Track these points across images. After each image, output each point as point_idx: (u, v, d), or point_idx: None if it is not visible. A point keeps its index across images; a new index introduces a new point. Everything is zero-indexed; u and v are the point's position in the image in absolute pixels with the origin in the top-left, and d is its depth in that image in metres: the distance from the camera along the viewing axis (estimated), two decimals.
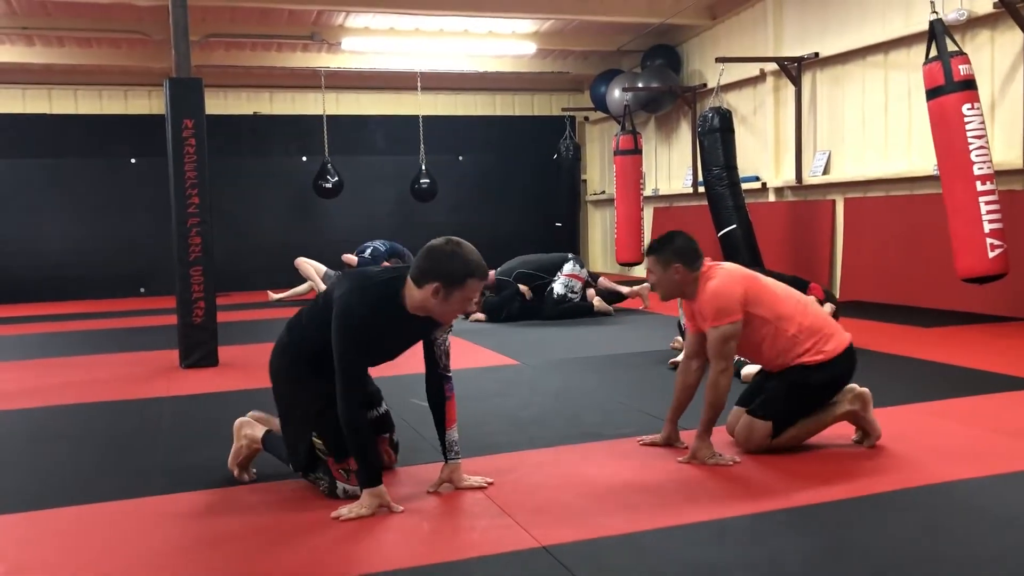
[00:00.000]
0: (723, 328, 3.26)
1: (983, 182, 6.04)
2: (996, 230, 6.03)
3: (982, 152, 6.04)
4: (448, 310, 2.88)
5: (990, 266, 6.05)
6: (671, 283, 3.40)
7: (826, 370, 3.33)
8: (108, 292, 11.79)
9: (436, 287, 2.81)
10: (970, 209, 6.04)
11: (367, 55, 11.65)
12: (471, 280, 2.84)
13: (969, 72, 6.07)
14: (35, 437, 4.19)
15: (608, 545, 2.53)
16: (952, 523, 2.64)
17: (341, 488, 3.02)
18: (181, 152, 5.90)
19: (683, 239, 3.44)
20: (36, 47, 10.66)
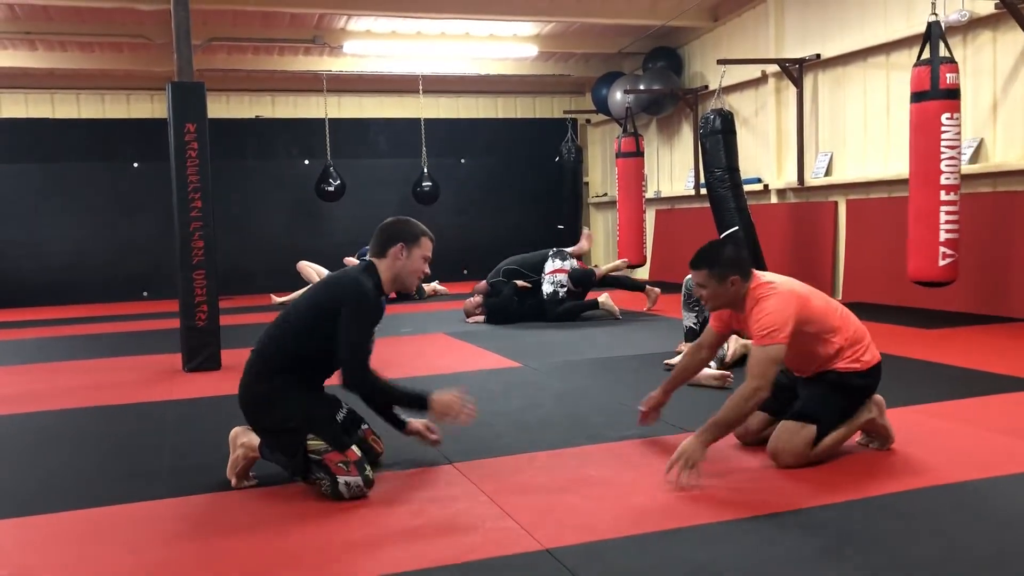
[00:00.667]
0: (771, 349, 3.13)
1: (947, 192, 6.20)
2: (951, 240, 6.23)
3: (952, 163, 6.18)
4: (412, 268, 3.31)
5: (940, 273, 6.29)
6: (727, 296, 3.29)
7: (863, 378, 3.30)
8: (111, 296, 11.81)
9: (400, 247, 3.28)
10: (931, 216, 6.24)
11: (369, 58, 11.66)
12: (424, 238, 3.34)
13: (955, 81, 6.16)
14: (38, 441, 4.19)
15: (612, 547, 2.53)
16: (956, 525, 2.64)
17: (343, 482, 3.03)
18: (184, 156, 5.91)
19: (732, 248, 3.34)
20: (39, 51, 10.68)
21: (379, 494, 3.10)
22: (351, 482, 3.02)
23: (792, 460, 3.19)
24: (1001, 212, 7.05)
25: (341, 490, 3.03)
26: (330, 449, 3.06)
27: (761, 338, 3.16)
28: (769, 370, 3.13)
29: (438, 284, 10.91)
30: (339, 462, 3.04)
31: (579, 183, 13.05)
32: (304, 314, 3.29)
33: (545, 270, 8.04)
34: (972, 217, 7.26)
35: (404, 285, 3.34)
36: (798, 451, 3.19)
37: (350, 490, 3.02)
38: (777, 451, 3.22)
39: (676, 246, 11.50)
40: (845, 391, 3.28)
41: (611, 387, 4.89)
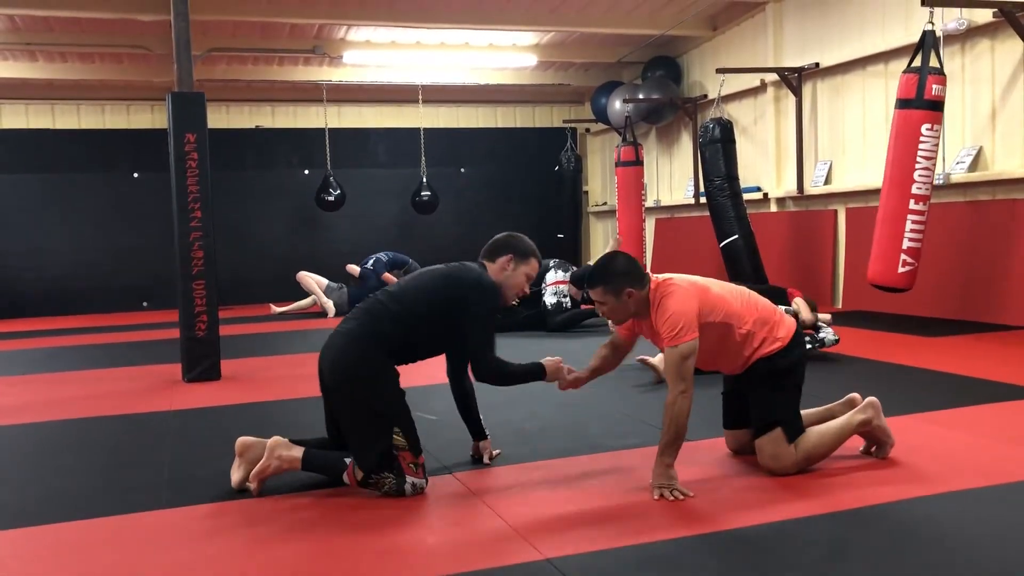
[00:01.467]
0: (682, 347, 3.11)
1: (917, 201, 6.25)
2: (913, 248, 6.28)
3: (926, 173, 6.22)
4: (514, 282, 3.42)
5: (897, 279, 6.35)
6: (627, 308, 3.26)
7: (787, 354, 3.28)
8: (111, 306, 11.81)
9: (509, 258, 3.40)
10: (897, 222, 6.28)
11: (369, 68, 11.69)
12: (533, 258, 3.44)
13: (940, 93, 6.20)
14: (38, 452, 4.19)
15: (613, 557, 2.52)
16: (955, 533, 2.63)
17: (410, 483, 3.13)
18: (183, 166, 5.92)
19: (623, 260, 3.30)
20: (39, 63, 10.71)
21: (380, 504, 3.10)
22: (417, 484, 3.15)
23: (781, 465, 3.20)
24: (1000, 220, 7.05)
25: (406, 489, 3.12)
26: (407, 448, 3.16)
27: (671, 339, 3.14)
28: (684, 369, 3.12)
29: None
30: (411, 463, 3.16)
31: (578, 192, 13.06)
32: (424, 301, 3.29)
33: (547, 280, 8.04)
34: (971, 225, 7.27)
35: (504, 296, 3.42)
36: (779, 456, 3.20)
37: (414, 490, 3.14)
38: (769, 466, 3.24)
39: (676, 255, 11.50)
40: (780, 376, 3.27)
41: (611, 397, 4.88)
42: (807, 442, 3.23)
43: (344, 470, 3.22)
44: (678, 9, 10.07)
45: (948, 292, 7.38)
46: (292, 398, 5.20)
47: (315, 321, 9.77)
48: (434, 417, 4.42)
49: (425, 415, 4.47)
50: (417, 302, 3.29)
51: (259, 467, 3.25)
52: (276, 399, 5.20)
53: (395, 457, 3.14)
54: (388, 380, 3.26)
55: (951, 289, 7.37)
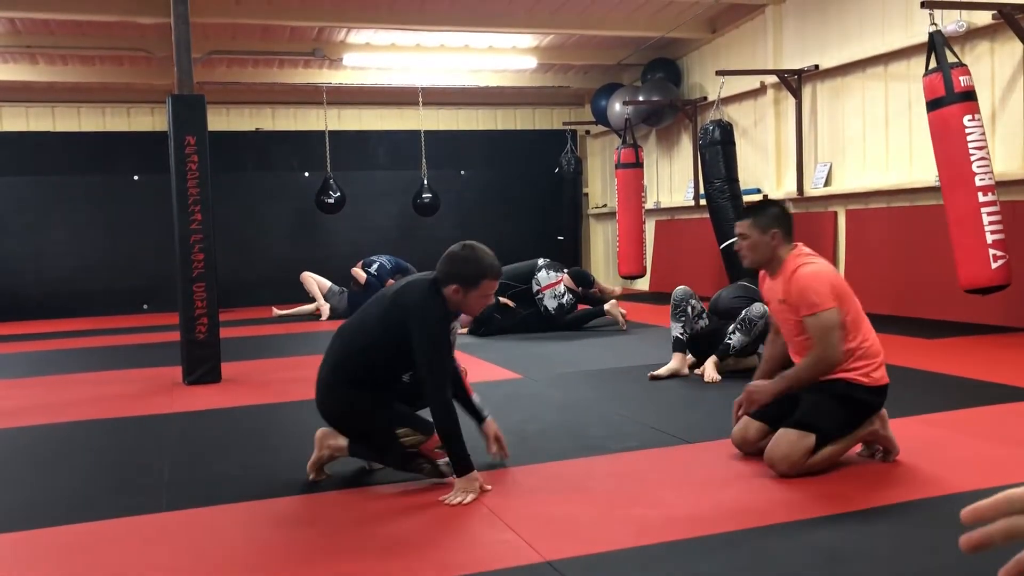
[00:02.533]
0: (823, 316, 3.20)
1: (985, 193, 6.04)
2: (998, 240, 6.04)
3: (983, 163, 6.03)
4: (471, 306, 3.29)
5: (993, 276, 6.06)
6: (766, 248, 3.38)
7: (868, 393, 3.28)
8: (111, 309, 11.81)
9: (456, 288, 3.21)
10: (973, 219, 6.04)
11: (369, 71, 11.70)
12: (484, 281, 3.22)
13: (969, 84, 6.08)
14: (38, 455, 4.19)
15: (614, 559, 2.52)
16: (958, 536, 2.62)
17: (443, 463, 3.23)
18: (184, 169, 5.92)
19: (782, 208, 3.45)
20: (39, 65, 10.72)
21: (379, 507, 3.10)
22: (441, 466, 3.26)
23: (789, 469, 3.17)
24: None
25: (443, 470, 3.25)
26: (424, 439, 3.26)
27: (811, 307, 3.22)
28: (830, 335, 3.20)
29: None
30: (435, 447, 3.25)
31: (579, 194, 13.06)
32: (371, 329, 3.35)
33: (540, 283, 7.98)
34: None
35: (467, 314, 3.41)
36: (795, 460, 3.17)
37: (450, 469, 3.20)
38: (774, 460, 3.20)
39: (676, 257, 11.51)
40: (849, 404, 3.25)
41: (612, 399, 4.88)
42: (819, 455, 3.21)
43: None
44: (678, 11, 10.08)
45: (949, 294, 7.37)
46: (293, 400, 5.19)
47: (315, 324, 9.78)
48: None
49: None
50: (370, 331, 3.34)
51: (313, 458, 3.43)
52: (277, 401, 5.20)
53: (415, 455, 3.26)
54: (371, 395, 3.36)
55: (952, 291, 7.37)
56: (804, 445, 3.17)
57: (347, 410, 3.41)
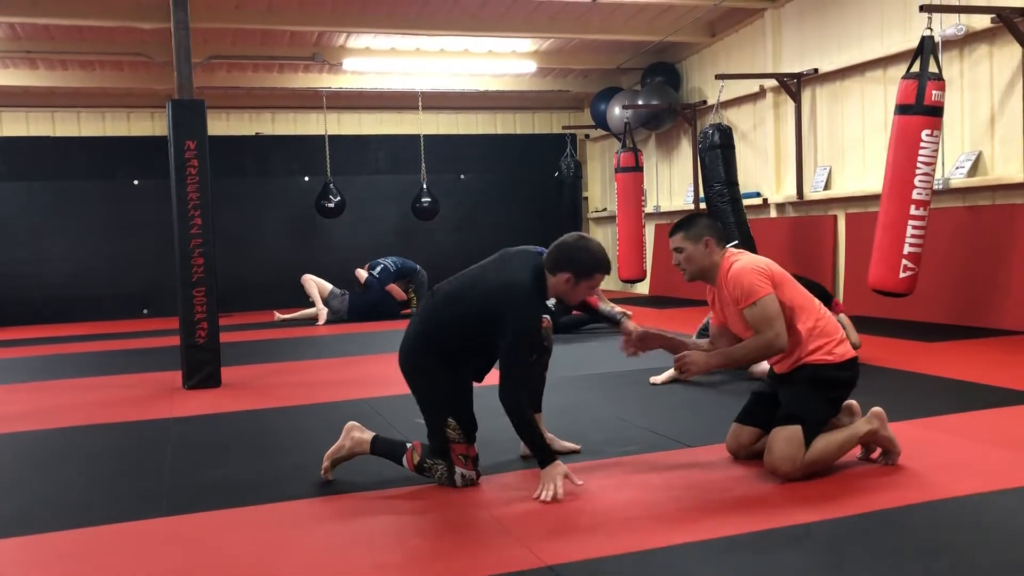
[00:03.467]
0: (762, 302, 3.24)
1: (917, 207, 6.25)
2: (914, 253, 6.28)
3: (926, 179, 6.22)
4: (575, 295, 3.35)
5: (898, 284, 6.35)
6: (702, 259, 3.41)
7: (837, 369, 3.30)
8: (111, 313, 11.82)
9: (568, 276, 3.28)
10: (898, 227, 6.28)
11: (368, 75, 11.71)
12: (597, 274, 3.32)
13: (940, 99, 6.21)
14: (38, 460, 4.19)
15: (614, 564, 2.52)
16: (957, 539, 2.63)
17: (460, 473, 3.23)
18: (184, 173, 5.93)
19: (708, 218, 3.50)
20: (39, 70, 10.73)
21: (379, 511, 3.10)
22: (467, 475, 3.26)
23: (788, 467, 3.16)
24: (1000, 225, 7.06)
25: (456, 480, 3.22)
26: (459, 440, 3.25)
27: (748, 297, 3.27)
28: (773, 321, 3.24)
29: None
30: (461, 454, 3.26)
31: (578, 198, 13.07)
32: (468, 312, 3.31)
33: None
34: (971, 230, 7.28)
35: (563, 302, 3.44)
36: (790, 455, 3.17)
37: (464, 481, 3.21)
38: (774, 462, 3.20)
39: None
40: (822, 384, 3.29)
41: (611, 403, 4.88)
42: (815, 449, 3.21)
43: (404, 455, 3.36)
44: (677, 16, 10.10)
45: (948, 297, 7.38)
46: (293, 405, 5.20)
47: (315, 329, 9.78)
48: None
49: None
50: (465, 315, 3.31)
51: (334, 447, 3.45)
52: (276, 406, 5.20)
53: (447, 449, 3.26)
54: (444, 372, 3.34)
55: (951, 294, 7.37)
56: (795, 438, 3.18)
57: (426, 366, 3.35)
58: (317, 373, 6.37)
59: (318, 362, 6.93)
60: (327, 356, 7.27)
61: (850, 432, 3.30)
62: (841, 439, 3.27)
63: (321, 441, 4.25)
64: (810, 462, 3.19)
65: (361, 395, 5.35)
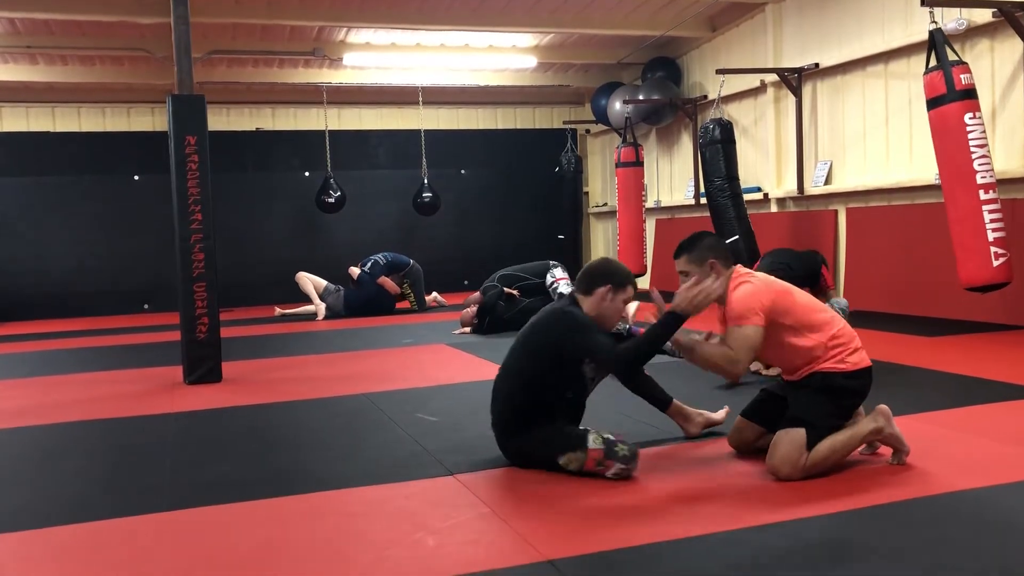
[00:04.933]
0: (745, 329, 3.23)
1: (986, 191, 6.03)
2: (1000, 239, 6.03)
3: (985, 161, 6.02)
4: (613, 310, 3.46)
5: (994, 274, 6.05)
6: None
7: (847, 378, 3.28)
8: (112, 309, 11.82)
9: (607, 288, 3.44)
10: (974, 218, 6.03)
11: (369, 70, 11.70)
12: (628, 286, 3.49)
13: (970, 81, 6.08)
14: (39, 455, 4.19)
15: (614, 558, 2.53)
16: (958, 533, 2.63)
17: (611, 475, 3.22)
18: (184, 169, 5.92)
19: (713, 238, 3.48)
20: (39, 65, 10.72)
21: (380, 506, 3.10)
22: (616, 473, 3.21)
23: (789, 469, 3.14)
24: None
25: (611, 477, 3.22)
26: (584, 457, 3.22)
27: (735, 319, 3.27)
28: (743, 347, 3.23)
29: (437, 295, 10.91)
30: (595, 466, 3.23)
31: (579, 193, 13.07)
32: (523, 366, 3.42)
33: (555, 276, 8.17)
34: None
35: (603, 326, 3.47)
36: (791, 458, 3.14)
37: (619, 476, 3.21)
38: (775, 464, 3.18)
39: None
40: (831, 393, 3.26)
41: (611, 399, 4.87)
42: (818, 452, 3.18)
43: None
44: (677, 10, 10.08)
45: (949, 292, 7.37)
46: (293, 400, 5.20)
47: (315, 324, 9.78)
48: (434, 419, 4.42)
49: (425, 417, 4.47)
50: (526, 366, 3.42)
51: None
52: (277, 401, 5.21)
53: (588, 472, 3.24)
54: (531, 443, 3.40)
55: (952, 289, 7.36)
56: (798, 441, 3.16)
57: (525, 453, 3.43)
58: (318, 368, 6.37)
59: (319, 357, 6.93)
60: (327, 351, 7.28)
61: (853, 432, 3.27)
62: (843, 440, 3.24)
63: (321, 436, 4.27)
64: (811, 465, 3.17)
65: (362, 390, 5.35)
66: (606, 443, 3.24)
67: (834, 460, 3.23)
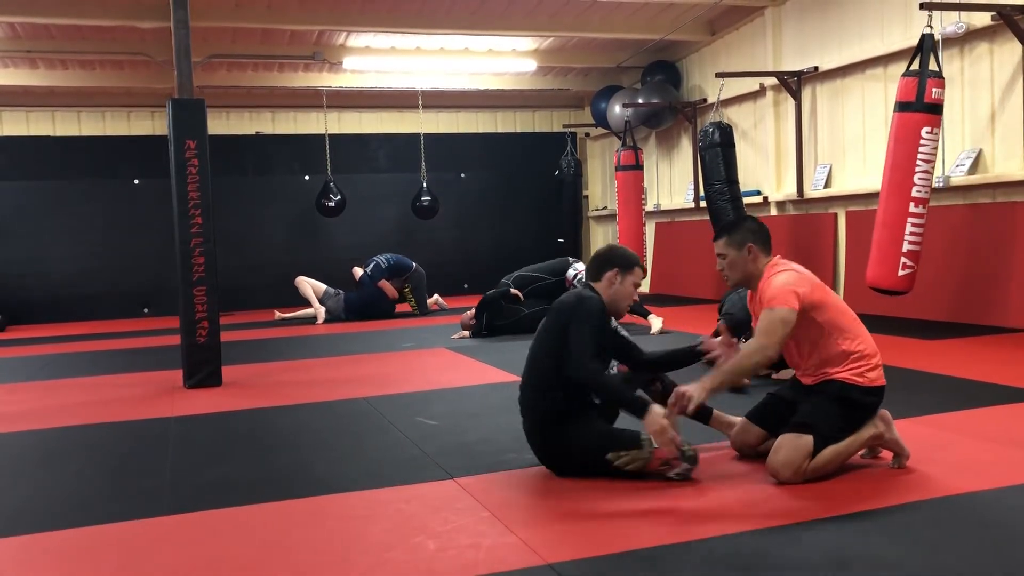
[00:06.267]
0: (779, 311, 3.17)
1: (916, 204, 6.28)
2: (913, 251, 6.32)
3: (925, 176, 6.26)
4: (624, 293, 3.48)
5: (897, 282, 6.39)
6: (744, 265, 3.36)
7: (864, 394, 3.25)
8: (112, 313, 11.82)
9: (615, 272, 3.47)
10: (897, 225, 6.30)
11: (368, 74, 11.71)
12: (636, 267, 3.52)
13: (939, 97, 6.24)
14: (39, 459, 4.19)
15: (614, 562, 2.52)
16: (959, 536, 2.63)
17: (674, 475, 3.20)
18: (184, 172, 5.93)
19: (757, 223, 3.43)
20: (40, 70, 10.73)
21: (379, 509, 3.10)
22: (680, 472, 3.20)
23: (790, 474, 3.14)
24: (1000, 222, 7.05)
25: (675, 477, 3.21)
26: (648, 457, 3.19)
27: (769, 301, 3.21)
28: (777, 331, 3.17)
29: (439, 298, 10.91)
30: (660, 465, 3.20)
31: (579, 197, 13.07)
32: (550, 346, 3.38)
33: (578, 269, 8.18)
34: (971, 227, 7.27)
35: (616, 309, 3.50)
36: (796, 464, 3.13)
37: (682, 476, 3.20)
38: (776, 467, 3.17)
39: (676, 259, 11.51)
40: (845, 405, 3.24)
41: None
42: (820, 459, 3.16)
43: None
44: (677, 14, 10.09)
45: (948, 295, 7.38)
46: (293, 404, 5.20)
47: (315, 327, 9.78)
48: (434, 423, 4.42)
49: (425, 420, 4.47)
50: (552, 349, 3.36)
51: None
52: (277, 405, 5.20)
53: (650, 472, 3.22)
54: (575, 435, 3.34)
55: (951, 292, 7.37)
56: (803, 447, 3.14)
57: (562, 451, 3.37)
58: (317, 372, 6.37)
59: (318, 361, 6.93)
60: (327, 355, 7.27)
61: (853, 437, 3.25)
62: (843, 446, 3.22)
63: (321, 440, 4.27)
64: (813, 471, 3.16)
65: (362, 394, 5.35)
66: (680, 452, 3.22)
67: (833, 467, 3.22)
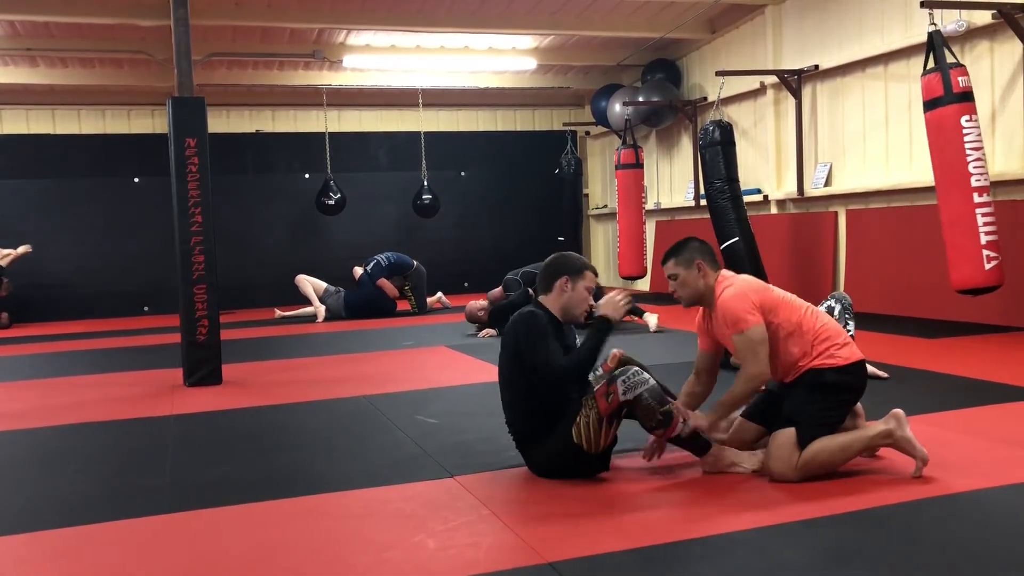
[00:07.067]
0: (749, 332, 3.24)
1: (980, 194, 6.02)
2: (992, 242, 6.03)
3: (979, 164, 6.02)
4: (576, 299, 3.46)
5: (986, 278, 6.04)
6: (697, 284, 3.41)
7: (838, 373, 3.26)
8: (112, 311, 11.82)
9: (565, 279, 3.45)
10: (967, 221, 6.03)
11: (369, 72, 11.71)
12: (587, 272, 3.49)
13: (968, 84, 6.08)
14: (39, 457, 4.19)
15: (615, 560, 2.52)
16: (962, 534, 2.63)
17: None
18: (184, 171, 5.93)
19: (699, 241, 3.51)
20: (40, 68, 10.72)
21: (379, 507, 3.10)
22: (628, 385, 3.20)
23: (781, 467, 3.14)
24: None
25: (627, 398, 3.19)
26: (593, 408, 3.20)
27: (736, 325, 3.28)
28: (759, 351, 3.25)
29: (443, 296, 10.90)
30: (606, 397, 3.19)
31: (579, 195, 13.07)
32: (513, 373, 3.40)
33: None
34: None
35: (572, 316, 3.50)
36: (782, 456, 3.14)
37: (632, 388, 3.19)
38: (769, 464, 3.19)
39: None
40: (823, 389, 3.25)
41: None
42: (809, 451, 3.14)
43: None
44: (677, 12, 10.09)
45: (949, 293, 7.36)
46: (293, 402, 5.20)
47: (315, 326, 9.78)
48: (434, 421, 4.42)
49: (425, 419, 4.47)
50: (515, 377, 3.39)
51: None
52: (277, 403, 5.20)
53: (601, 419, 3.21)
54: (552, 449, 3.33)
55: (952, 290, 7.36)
56: (788, 439, 3.16)
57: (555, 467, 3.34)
58: (317, 370, 6.37)
59: (318, 359, 6.93)
60: (327, 353, 7.27)
61: (856, 434, 3.24)
62: (841, 441, 3.19)
63: (321, 438, 4.27)
64: (804, 464, 3.13)
65: (362, 392, 5.35)
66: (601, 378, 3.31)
67: (832, 461, 3.18)
